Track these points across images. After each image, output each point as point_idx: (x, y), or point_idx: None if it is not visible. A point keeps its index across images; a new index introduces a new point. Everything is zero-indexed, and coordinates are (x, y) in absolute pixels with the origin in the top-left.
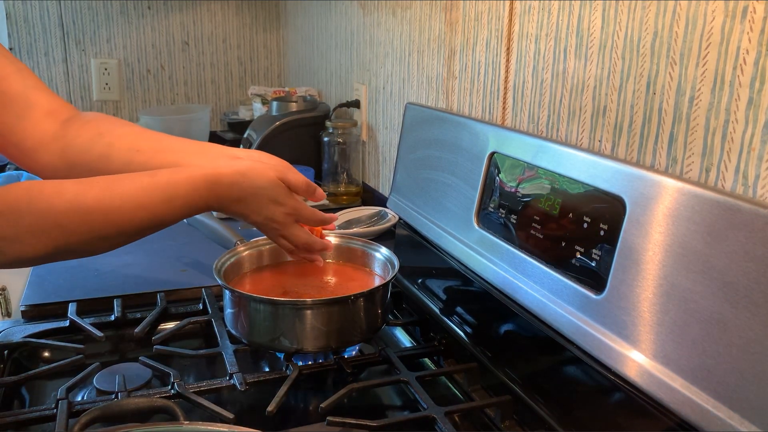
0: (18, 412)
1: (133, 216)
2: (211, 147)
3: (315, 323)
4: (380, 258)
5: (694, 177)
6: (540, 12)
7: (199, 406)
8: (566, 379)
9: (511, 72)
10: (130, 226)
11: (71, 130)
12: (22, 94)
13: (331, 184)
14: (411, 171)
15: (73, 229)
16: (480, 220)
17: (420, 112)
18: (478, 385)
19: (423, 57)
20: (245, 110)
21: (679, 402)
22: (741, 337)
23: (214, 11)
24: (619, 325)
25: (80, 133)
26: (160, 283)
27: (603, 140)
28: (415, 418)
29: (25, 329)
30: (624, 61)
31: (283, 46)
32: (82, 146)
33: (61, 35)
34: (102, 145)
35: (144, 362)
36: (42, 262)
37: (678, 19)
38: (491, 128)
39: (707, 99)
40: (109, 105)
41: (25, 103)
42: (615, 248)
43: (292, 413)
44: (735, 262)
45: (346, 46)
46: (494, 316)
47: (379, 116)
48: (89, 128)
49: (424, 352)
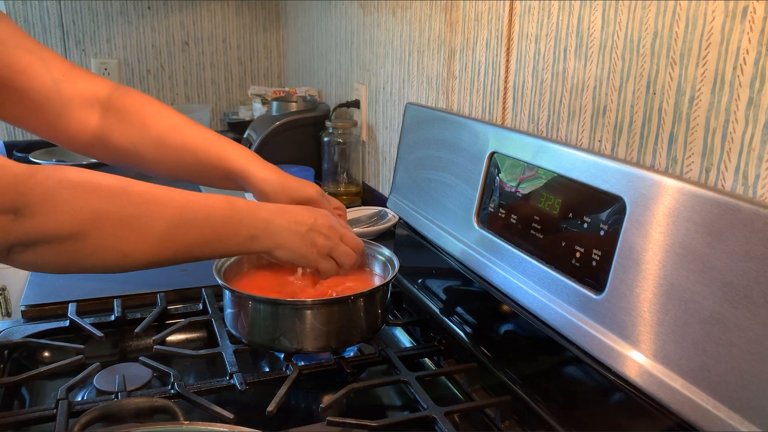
0: (18, 412)
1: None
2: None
3: (315, 323)
4: (380, 258)
5: (694, 177)
6: (540, 12)
7: (199, 406)
8: (566, 379)
9: (511, 72)
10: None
11: (112, 123)
12: (54, 90)
13: (331, 184)
14: (411, 171)
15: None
16: (480, 220)
17: (420, 112)
18: (478, 385)
19: (423, 57)
20: (245, 110)
21: (679, 402)
22: (741, 337)
23: (214, 11)
24: (619, 325)
25: (122, 127)
26: (160, 283)
27: (603, 140)
28: (415, 418)
29: (25, 329)
30: (624, 61)
31: (283, 46)
32: (125, 147)
33: (61, 35)
34: (149, 140)
35: (144, 362)
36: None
37: (678, 19)
38: (491, 128)
39: (707, 99)
40: None
41: (60, 101)
42: (615, 248)
43: (292, 413)
44: (735, 262)
45: (346, 46)
46: (494, 316)
47: (379, 116)
48: (131, 121)
49: (424, 352)
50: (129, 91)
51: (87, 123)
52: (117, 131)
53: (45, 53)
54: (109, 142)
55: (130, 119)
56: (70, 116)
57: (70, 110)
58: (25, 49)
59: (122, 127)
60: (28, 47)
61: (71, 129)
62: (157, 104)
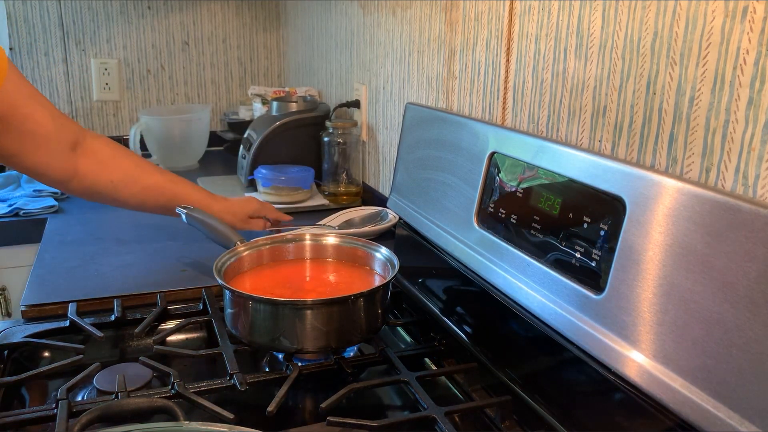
0: (18, 412)
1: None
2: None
3: (315, 323)
4: (380, 258)
5: (694, 177)
6: (540, 12)
7: (199, 406)
8: (566, 379)
9: (511, 72)
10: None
11: (83, 169)
12: (54, 135)
13: (331, 184)
14: (411, 171)
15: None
16: (480, 220)
17: (420, 112)
18: (478, 385)
19: (423, 57)
20: (245, 110)
21: (679, 402)
22: (741, 337)
23: (214, 11)
24: (619, 325)
25: (90, 176)
26: (160, 283)
27: (603, 140)
28: (415, 418)
29: (25, 329)
30: (624, 61)
31: (283, 46)
32: (95, 191)
33: (61, 35)
34: (114, 192)
35: (144, 362)
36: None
37: (678, 19)
38: (491, 128)
39: (707, 99)
40: (109, 105)
41: (57, 143)
42: (615, 248)
43: (292, 413)
44: (735, 262)
45: (346, 46)
46: (494, 316)
47: (379, 116)
48: (103, 175)
49: (424, 352)
50: (97, 136)
51: (69, 164)
52: (94, 171)
53: (41, 96)
54: (82, 182)
55: (103, 161)
56: (59, 155)
57: (61, 150)
58: (33, 99)
59: (99, 168)
60: (32, 93)
61: (55, 167)
62: (123, 149)
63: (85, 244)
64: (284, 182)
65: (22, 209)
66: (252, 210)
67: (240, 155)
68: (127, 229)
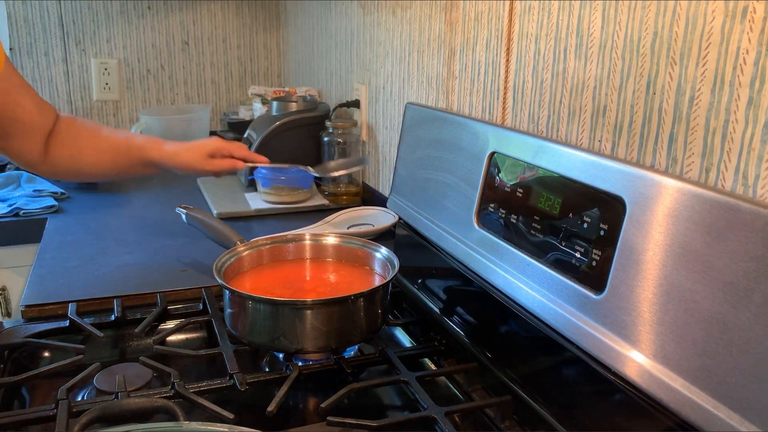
0: (18, 412)
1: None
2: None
3: (315, 323)
4: (380, 258)
5: (694, 177)
6: (540, 12)
7: (199, 406)
8: (566, 379)
9: (511, 72)
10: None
11: (52, 152)
12: (38, 122)
13: (331, 184)
14: (411, 171)
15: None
16: (480, 220)
17: (420, 112)
18: (478, 385)
19: (423, 57)
20: (245, 110)
21: (679, 402)
22: (741, 337)
23: (214, 11)
24: (619, 325)
25: (59, 156)
26: (160, 283)
27: (603, 140)
28: (415, 419)
29: (25, 329)
30: (624, 61)
31: (283, 46)
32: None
33: (61, 35)
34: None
35: (144, 362)
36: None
37: (678, 19)
38: (491, 128)
39: (707, 99)
40: (109, 105)
41: (39, 129)
42: (615, 248)
43: (292, 413)
44: (735, 262)
45: (346, 46)
46: (494, 316)
47: (379, 116)
48: (65, 149)
49: (424, 352)
50: (65, 117)
51: (42, 147)
52: (57, 149)
53: (28, 86)
54: (53, 164)
55: (64, 138)
56: (36, 141)
57: (39, 136)
58: (24, 89)
59: (60, 145)
60: (21, 83)
61: (33, 152)
62: (85, 122)
63: (85, 244)
64: (284, 182)
65: (22, 209)
66: (213, 147)
67: None
68: (127, 229)
